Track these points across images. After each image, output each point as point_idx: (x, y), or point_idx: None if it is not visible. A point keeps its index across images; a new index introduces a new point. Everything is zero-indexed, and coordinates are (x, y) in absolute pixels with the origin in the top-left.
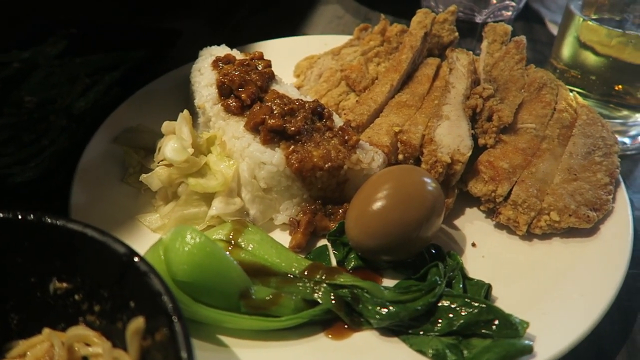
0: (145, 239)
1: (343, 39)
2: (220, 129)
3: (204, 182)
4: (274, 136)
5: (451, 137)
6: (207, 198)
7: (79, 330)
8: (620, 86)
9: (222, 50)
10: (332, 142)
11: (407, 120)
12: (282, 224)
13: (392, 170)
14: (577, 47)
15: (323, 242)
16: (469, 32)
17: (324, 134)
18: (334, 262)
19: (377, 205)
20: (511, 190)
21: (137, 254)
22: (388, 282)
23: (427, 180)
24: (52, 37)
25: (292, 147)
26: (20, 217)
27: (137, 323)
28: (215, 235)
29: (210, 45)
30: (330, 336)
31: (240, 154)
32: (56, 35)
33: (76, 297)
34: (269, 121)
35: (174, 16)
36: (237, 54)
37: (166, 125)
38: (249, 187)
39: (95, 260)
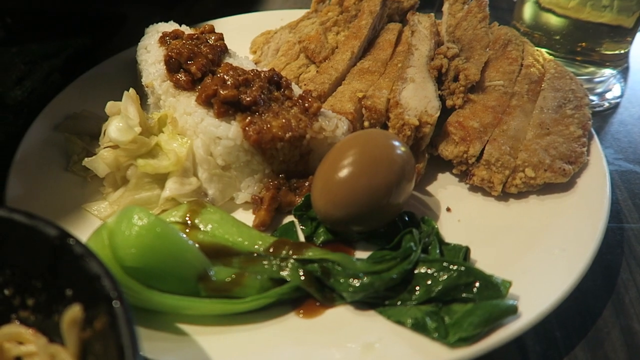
0: (94, 229)
1: (300, 13)
2: (170, 106)
3: (154, 163)
4: (228, 108)
5: (417, 99)
6: (160, 180)
7: (10, 329)
8: (584, 43)
9: (170, 27)
10: (292, 111)
11: (370, 86)
12: (244, 202)
13: (358, 135)
14: (538, 9)
15: (289, 218)
16: None
17: (282, 103)
18: (302, 239)
19: (344, 172)
20: (483, 150)
21: (70, 235)
22: (361, 255)
23: (395, 143)
24: None
25: (249, 118)
26: None
27: (73, 312)
28: (170, 217)
29: None
30: (301, 315)
31: (193, 131)
32: None
33: (6, 292)
34: (222, 92)
35: (119, 1)
36: (186, 30)
37: (110, 106)
38: (205, 165)
39: (25, 248)
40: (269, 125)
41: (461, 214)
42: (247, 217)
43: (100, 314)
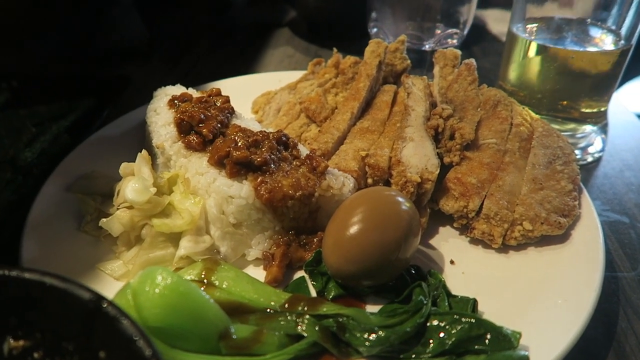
0: (108, 288)
1: (297, 75)
2: (182, 167)
3: (169, 222)
4: (240, 169)
5: (418, 157)
6: (174, 239)
7: None
8: (565, 102)
9: (177, 90)
10: (301, 170)
11: (372, 145)
12: (255, 259)
13: (364, 193)
14: (523, 68)
15: (299, 274)
16: (419, 60)
17: (291, 163)
18: (313, 294)
19: (354, 229)
20: (482, 204)
21: (104, 298)
22: (371, 308)
23: (401, 199)
24: None
25: (260, 178)
26: None
27: None
28: (187, 276)
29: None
30: None
31: (205, 190)
32: None
33: (35, 355)
34: (234, 153)
35: (122, 63)
36: (193, 93)
37: (124, 167)
38: (218, 223)
39: (57, 311)
40: (280, 185)
41: (465, 266)
42: (258, 273)
43: None
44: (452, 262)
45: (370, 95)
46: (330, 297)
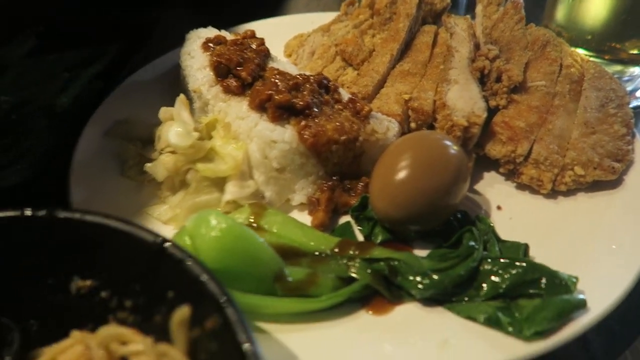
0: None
1: (329, 16)
2: (220, 111)
3: (214, 167)
4: (282, 113)
5: (463, 100)
6: (218, 184)
7: (113, 329)
8: (613, 43)
9: (210, 32)
10: (343, 114)
11: (414, 88)
12: (299, 204)
13: (412, 137)
14: (572, 6)
15: (344, 219)
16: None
17: (333, 107)
18: (360, 238)
19: (402, 174)
20: (531, 149)
21: (169, 241)
22: (419, 253)
23: (450, 143)
24: (18, 36)
25: (304, 122)
26: (29, 214)
27: (183, 312)
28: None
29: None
30: (370, 313)
31: (247, 135)
32: (23, 34)
33: (103, 294)
34: (276, 97)
35: (148, 7)
36: (226, 35)
37: (164, 112)
38: (261, 168)
39: (122, 252)
40: (323, 129)
41: (512, 212)
42: (302, 218)
43: (210, 313)
44: (499, 207)
45: (409, 36)
46: (378, 241)
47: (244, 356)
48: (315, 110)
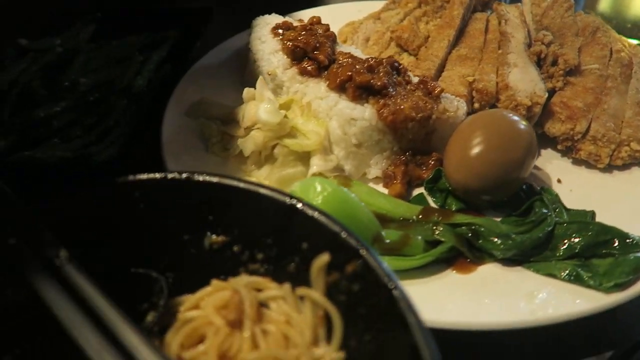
0: None
1: (375, 4)
2: (298, 92)
3: (300, 142)
4: (361, 92)
5: (524, 82)
6: (301, 158)
7: (247, 278)
8: None
9: (276, 19)
10: (416, 94)
11: (474, 71)
12: (374, 177)
13: (483, 115)
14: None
15: (417, 191)
16: None
17: (404, 87)
18: None
19: (479, 148)
20: (589, 127)
21: (300, 200)
22: None
23: (520, 120)
24: (77, 22)
25: (382, 101)
26: (170, 177)
27: (323, 259)
28: None
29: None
30: (455, 272)
31: (326, 113)
32: (83, 20)
33: (235, 248)
34: (357, 78)
35: None
36: (292, 21)
37: (246, 92)
38: (342, 143)
39: (252, 211)
40: (401, 107)
41: (572, 185)
42: (378, 190)
43: (350, 259)
44: (559, 180)
45: (462, 23)
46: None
47: (390, 293)
48: (391, 90)
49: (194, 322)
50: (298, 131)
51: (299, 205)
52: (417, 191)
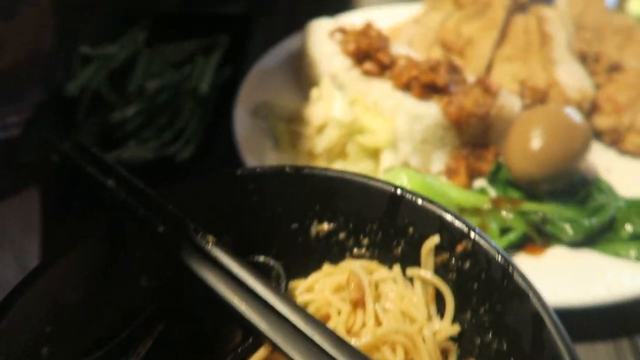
0: None
1: (410, 10)
2: (362, 92)
3: (371, 138)
4: (426, 90)
5: (572, 78)
6: (371, 154)
7: (356, 262)
8: None
9: (329, 23)
10: (475, 90)
11: (522, 69)
12: (437, 172)
13: (540, 110)
14: None
15: (477, 183)
16: None
17: (463, 85)
18: None
19: (541, 139)
20: (635, 119)
21: (405, 190)
22: None
23: (576, 113)
24: (128, 29)
25: (446, 98)
26: (286, 170)
27: (433, 240)
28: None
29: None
30: (526, 254)
31: (392, 111)
32: (136, 26)
33: (340, 235)
34: (422, 77)
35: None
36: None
37: (315, 92)
38: (408, 139)
39: (359, 200)
40: (464, 104)
41: (619, 174)
42: None
43: (459, 239)
44: (607, 170)
45: (504, 24)
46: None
47: (503, 267)
48: (452, 88)
49: (315, 304)
50: (366, 128)
51: (406, 195)
52: (477, 183)
